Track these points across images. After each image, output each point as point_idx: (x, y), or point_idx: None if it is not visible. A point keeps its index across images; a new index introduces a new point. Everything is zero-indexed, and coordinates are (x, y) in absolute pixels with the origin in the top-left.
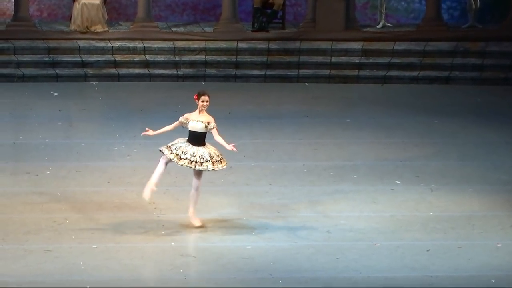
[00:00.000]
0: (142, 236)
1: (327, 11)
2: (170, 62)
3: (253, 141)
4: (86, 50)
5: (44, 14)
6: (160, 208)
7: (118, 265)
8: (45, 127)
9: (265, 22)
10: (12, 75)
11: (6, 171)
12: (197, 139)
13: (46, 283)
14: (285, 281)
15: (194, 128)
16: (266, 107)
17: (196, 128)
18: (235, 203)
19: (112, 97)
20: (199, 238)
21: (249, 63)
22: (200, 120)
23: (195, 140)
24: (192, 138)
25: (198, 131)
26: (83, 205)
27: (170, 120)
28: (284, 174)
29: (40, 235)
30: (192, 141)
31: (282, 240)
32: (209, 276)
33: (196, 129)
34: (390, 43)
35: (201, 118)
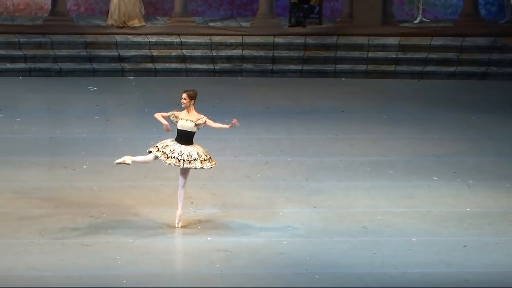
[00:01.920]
0: (179, 231)
1: (364, 6)
2: (207, 57)
3: (290, 136)
4: (123, 44)
5: (82, 9)
6: (196, 203)
7: (154, 260)
8: (82, 121)
9: (302, 17)
10: (49, 70)
11: (43, 165)
12: (185, 138)
13: (83, 278)
14: (321, 276)
15: (183, 127)
16: (302, 102)
17: (185, 127)
18: (271, 198)
19: (148, 92)
20: (235, 233)
21: (285, 58)
22: (189, 119)
23: (183, 139)
24: (181, 137)
25: (187, 130)
26: (119, 200)
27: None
28: (321, 169)
29: (76, 230)
30: (180, 140)
31: (319, 235)
32: (245, 271)
33: (185, 128)
34: (427, 39)
35: (191, 117)
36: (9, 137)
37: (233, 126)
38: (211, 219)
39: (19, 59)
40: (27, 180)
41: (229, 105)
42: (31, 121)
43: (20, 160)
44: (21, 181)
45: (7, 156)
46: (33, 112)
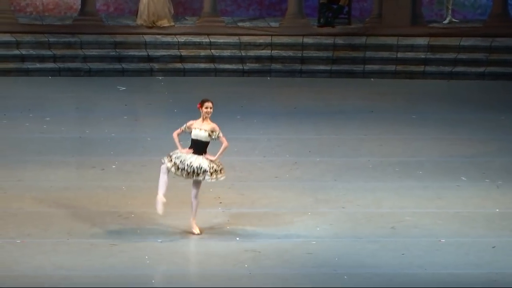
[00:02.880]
0: (206, 231)
1: (394, 6)
2: (236, 57)
3: (318, 136)
4: (152, 44)
5: (111, 9)
6: (225, 203)
7: (182, 260)
8: (111, 121)
9: (331, 17)
10: (78, 69)
11: (71, 165)
12: (198, 148)
13: (111, 277)
14: (350, 277)
15: (197, 137)
16: (331, 103)
17: (199, 136)
18: (300, 198)
19: (177, 92)
20: (263, 233)
21: (314, 58)
22: (203, 128)
23: (196, 148)
24: (194, 146)
25: (201, 139)
26: (148, 200)
27: (236, 115)
28: (349, 170)
29: (105, 229)
30: (194, 149)
31: (347, 235)
32: (273, 272)
33: (199, 137)
34: (457, 39)
35: (205, 126)
36: (38, 137)
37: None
38: (239, 219)
39: (48, 59)
40: (56, 179)
41: (258, 105)
42: (60, 121)
43: (49, 160)
44: (49, 180)
45: (36, 156)
46: (62, 112)
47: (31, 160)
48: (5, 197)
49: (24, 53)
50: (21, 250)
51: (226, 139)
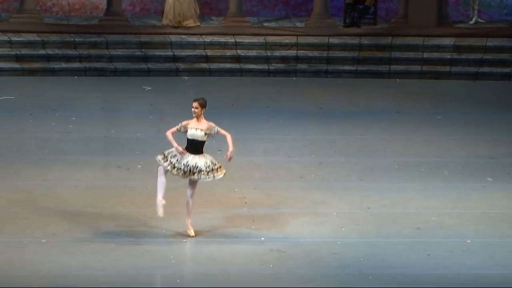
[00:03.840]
0: (232, 231)
1: (419, 6)
2: (262, 57)
3: (344, 136)
4: (178, 44)
5: (137, 9)
6: (250, 203)
7: (207, 259)
8: (137, 121)
9: (357, 17)
10: (104, 69)
11: (97, 165)
12: (195, 147)
13: (136, 277)
14: (375, 277)
15: (193, 136)
16: (356, 103)
17: (195, 136)
18: (325, 198)
19: (203, 92)
20: (289, 234)
21: (340, 58)
22: (199, 128)
23: (192, 148)
24: (190, 146)
25: (197, 139)
26: (173, 200)
27: (261, 115)
28: (375, 170)
29: (130, 229)
30: (189, 149)
31: (372, 236)
32: (298, 272)
33: (195, 137)
34: (483, 39)
35: (201, 126)
36: (64, 137)
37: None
38: (264, 219)
39: (74, 59)
40: (82, 179)
41: (283, 106)
42: (86, 121)
43: (74, 160)
44: (75, 180)
45: (62, 156)
46: (88, 112)
47: (57, 160)
48: (30, 197)
49: (50, 53)
50: (46, 249)
51: (226, 131)
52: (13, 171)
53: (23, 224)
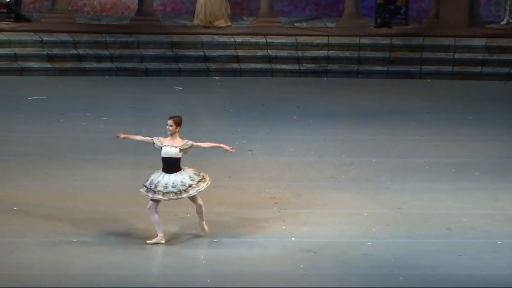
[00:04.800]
0: (262, 231)
1: (451, 7)
2: (292, 57)
3: (374, 137)
4: (209, 44)
5: (168, 9)
6: (280, 203)
7: (238, 260)
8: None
9: (388, 18)
10: (135, 69)
11: (128, 164)
12: (171, 166)
13: (167, 276)
14: (405, 278)
15: (167, 154)
16: (387, 103)
17: (170, 153)
18: (355, 199)
19: (234, 92)
20: (319, 234)
21: (371, 59)
22: (173, 145)
23: (169, 167)
24: (166, 166)
25: (172, 157)
26: (204, 199)
27: (292, 115)
28: (405, 171)
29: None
30: (166, 170)
31: (403, 236)
32: (329, 272)
33: (169, 155)
34: None
35: (175, 143)
36: (95, 136)
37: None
38: (295, 219)
39: (105, 59)
40: (112, 179)
41: (314, 106)
42: (116, 121)
43: (105, 159)
44: (106, 180)
45: (92, 155)
46: (119, 112)
47: (88, 160)
48: (61, 196)
49: (82, 52)
50: (77, 249)
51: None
52: (44, 171)
53: (54, 223)
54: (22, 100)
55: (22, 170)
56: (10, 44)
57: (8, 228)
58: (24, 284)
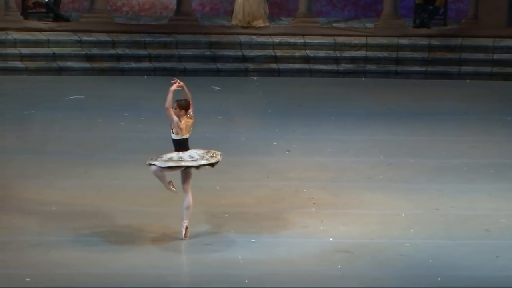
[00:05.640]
0: (300, 231)
1: (490, 7)
2: (331, 57)
3: (412, 137)
4: (247, 44)
5: (206, 9)
6: (318, 203)
7: (275, 260)
8: (205, 121)
9: (427, 18)
10: (174, 69)
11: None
12: (183, 146)
13: (204, 276)
14: (443, 279)
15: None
16: (426, 104)
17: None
18: (393, 199)
19: (272, 92)
20: (357, 234)
21: (410, 59)
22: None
23: (181, 146)
24: (177, 147)
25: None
26: (241, 200)
27: (330, 115)
28: (443, 172)
29: (199, 229)
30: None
31: (440, 237)
32: (366, 273)
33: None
34: None
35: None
36: (133, 136)
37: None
38: (332, 219)
39: (144, 59)
40: (150, 179)
41: (352, 106)
42: (154, 121)
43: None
44: (143, 180)
45: (130, 155)
46: (157, 112)
47: (126, 159)
48: (99, 196)
49: (120, 52)
50: (115, 248)
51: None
52: (83, 170)
53: (91, 223)
54: (61, 100)
55: (60, 169)
56: (49, 43)
57: (46, 227)
58: (61, 283)
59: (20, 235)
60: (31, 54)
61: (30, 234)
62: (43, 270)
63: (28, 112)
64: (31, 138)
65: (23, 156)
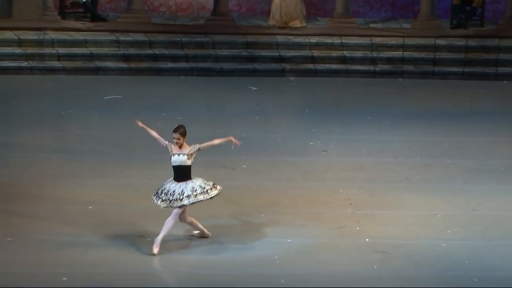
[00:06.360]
0: (336, 232)
1: None
2: (367, 58)
3: (449, 138)
4: (284, 45)
5: (243, 9)
6: (355, 203)
7: (311, 260)
8: (242, 121)
9: (464, 19)
10: (210, 69)
11: (203, 164)
12: (181, 174)
13: (240, 276)
14: (480, 280)
15: (175, 163)
16: (463, 105)
17: (178, 162)
18: (430, 200)
19: (308, 92)
20: (393, 234)
21: (447, 60)
22: (181, 153)
23: (179, 175)
24: (177, 174)
25: (180, 164)
26: (278, 200)
27: (367, 116)
28: (480, 172)
29: (235, 229)
30: (177, 178)
31: (477, 238)
32: (402, 273)
33: (177, 163)
34: None
35: (183, 151)
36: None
37: (234, 144)
38: (369, 220)
39: (180, 59)
40: None
41: (389, 107)
42: (191, 120)
43: None
44: None
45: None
46: (194, 111)
47: (163, 159)
48: (136, 195)
49: (157, 52)
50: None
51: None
52: (119, 170)
53: (128, 222)
54: (98, 100)
55: (98, 168)
56: (87, 43)
57: (84, 226)
58: (98, 283)
59: (56, 235)
60: (68, 54)
61: (66, 234)
62: (80, 269)
63: (66, 112)
64: (69, 137)
65: (61, 156)
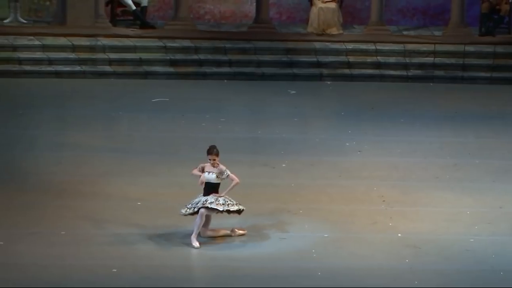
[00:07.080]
0: (370, 227)
1: None
2: (400, 63)
3: (478, 139)
4: (322, 51)
5: (283, 17)
6: (388, 201)
7: (347, 254)
8: (282, 122)
9: (492, 27)
10: (252, 74)
11: (244, 163)
12: (210, 189)
13: (279, 269)
14: (506, 274)
15: (208, 180)
16: (491, 108)
17: (209, 179)
18: (459, 198)
19: (345, 96)
20: (424, 230)
21: (476, 65)
22: (212, 171)
23: (208, 190)
24: (207, 189)
25: (210, 181)
26: (315, 197)
27: (399, 118)
28: (508, 172)
29: (275, 224)
30: (207, 193)
31: (504, 234)
32: (433, 267)
33: (209, 180)
34: None
35: (214, 169)
36: (213, 137)
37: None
38: (401, 216)
39: (224, 64)
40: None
41: (421, 110)
42: (234, 122)
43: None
44: None
45: None
46: (236, 113)
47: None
48: (182, 193)
49: (202, 58)
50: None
51: (236, 176)
52: (166, 168)
53: (175, 218)
54: (147, 102)
55: (145, 167)
56: (136, 49)
57: (133, 221)
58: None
59: (107, 229)
60: (119, 59)
61: (116, 228)
62: (128, 262)
63: (116, 113)
64: (119, 137)
65: (111, 155)
